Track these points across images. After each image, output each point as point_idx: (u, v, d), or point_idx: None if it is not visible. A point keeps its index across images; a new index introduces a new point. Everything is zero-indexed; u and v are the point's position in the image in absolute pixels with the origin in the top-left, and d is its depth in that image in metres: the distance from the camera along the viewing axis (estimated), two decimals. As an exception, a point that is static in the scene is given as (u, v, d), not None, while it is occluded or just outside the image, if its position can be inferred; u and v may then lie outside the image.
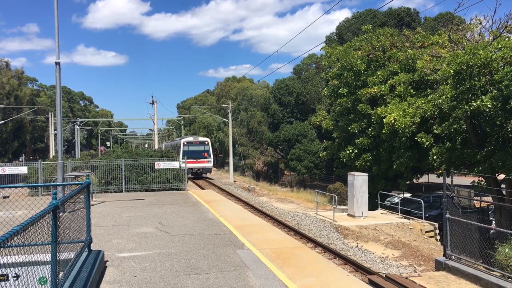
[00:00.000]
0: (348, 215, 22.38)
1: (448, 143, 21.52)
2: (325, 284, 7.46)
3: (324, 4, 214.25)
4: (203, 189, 31.00)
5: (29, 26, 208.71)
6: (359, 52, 29.23)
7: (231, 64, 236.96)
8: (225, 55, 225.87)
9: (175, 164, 23.90)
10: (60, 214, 5.73)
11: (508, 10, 52.33)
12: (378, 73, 27.60)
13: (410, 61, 25.84)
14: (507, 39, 20.32)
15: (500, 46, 18.80)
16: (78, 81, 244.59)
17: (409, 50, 26.60)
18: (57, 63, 15.95)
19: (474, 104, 18.07)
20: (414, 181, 38.38)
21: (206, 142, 43.74)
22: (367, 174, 22.81)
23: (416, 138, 22.23)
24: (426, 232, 20.23)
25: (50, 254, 5.15)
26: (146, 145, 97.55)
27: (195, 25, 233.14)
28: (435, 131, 21.34)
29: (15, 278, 5.03)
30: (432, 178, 42.72)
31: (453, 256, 10.91)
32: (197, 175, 43.62)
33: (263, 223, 13.39)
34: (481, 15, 37.16)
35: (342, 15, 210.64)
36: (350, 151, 29.32)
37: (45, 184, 19.70)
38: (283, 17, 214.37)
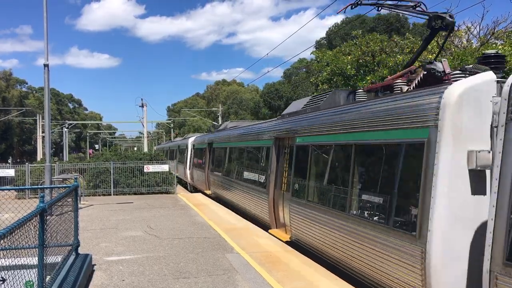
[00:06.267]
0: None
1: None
2: (315, 287, 7.48)
3: (319, 9, 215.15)
4: (193, 192, 30.93)
5: (23, 27, 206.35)
6: (349, 57, 29.41)
7: (224, 68, 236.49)
8: (218, 59, 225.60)
9: (164, 167, 23.81)
10: (48, 217, 5.68)
11: (495, 17, 53.09)
12: (368, 78, 27.76)
13: (399, 66, 26.05)
14: (494, 45, 20.60)
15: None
16: (69, 83, 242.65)
17: (399, 56, 26.83)
18: (46, 65, 15.85)
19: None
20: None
21: None
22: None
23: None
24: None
25: (37, 258, 5.11)
26: (136, 148, 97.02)
27: (190, 28, 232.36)
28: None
29: (1, 282, 4.98)
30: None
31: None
32: None
33: (252, 227, 13.37)
34: (469, 21, 37.67)
35: (337, 20, 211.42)
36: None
37: (32, 187, 19.52)
38: (278, 21, 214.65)
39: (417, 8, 8.51)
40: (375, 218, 7.14)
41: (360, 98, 9.26)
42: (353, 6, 9.78)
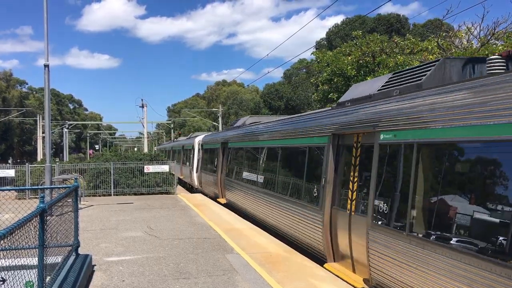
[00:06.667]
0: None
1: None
2: (314, 288, 7.47)
3: (320, 10, 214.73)
4: (193, 193, 30.91)
5: (23, 28, 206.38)
6: (350, 58, 29.43)
7: (224, 68, 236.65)
8: (218, 59, 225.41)
9: (164, 168, 23.81)
10: (48, 218, 5.68)
11: (496, 18, 53.03)
12: (368, 78, 27.78)
13: (400, 67, 26.06)
14: (494, 45, 20.61)
15: (487, 52, 19.05)
16: (70, 84, 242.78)
17: (399, 56, 26.84)
18: (46, 66, 15.86)
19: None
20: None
21: None
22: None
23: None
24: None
25: (37, 258, 5.11)
26: (136, 149, 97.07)
27: (190, 29, 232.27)
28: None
29: (1, 282, 4.98)
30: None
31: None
32: None
33: (252, 227, 13.37)
34: (469, 21, 37.67)
35: (338, 20, 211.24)
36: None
37: (33, 187, 19.52)
38: (278, 22, 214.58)
39: None
40: None
41: (495, 68, 6.05)
42: None
